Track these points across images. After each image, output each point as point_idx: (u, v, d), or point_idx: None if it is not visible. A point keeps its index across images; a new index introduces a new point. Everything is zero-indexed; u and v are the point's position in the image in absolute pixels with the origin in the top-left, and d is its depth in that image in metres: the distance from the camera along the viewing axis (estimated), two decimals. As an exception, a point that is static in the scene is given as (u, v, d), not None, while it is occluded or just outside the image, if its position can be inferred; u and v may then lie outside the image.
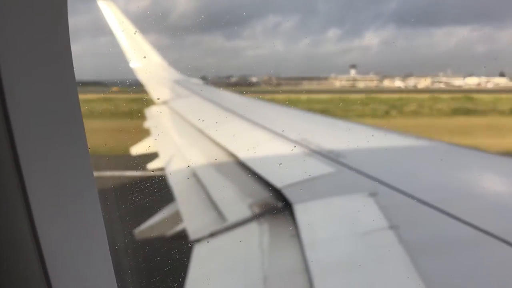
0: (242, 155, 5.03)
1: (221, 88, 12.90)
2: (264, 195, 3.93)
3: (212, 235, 3.36)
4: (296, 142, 5.29)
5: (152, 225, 4.81)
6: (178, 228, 4.19)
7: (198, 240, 3.36)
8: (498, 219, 3.09)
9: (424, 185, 3.83)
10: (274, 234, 3.14)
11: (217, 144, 5.82)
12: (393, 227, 2.90)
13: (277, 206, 3.63)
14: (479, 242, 2.70)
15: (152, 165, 6.96)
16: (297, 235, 3.00)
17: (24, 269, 0.92)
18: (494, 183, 4.03)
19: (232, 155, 5.25)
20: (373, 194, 3.40)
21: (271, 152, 5.23)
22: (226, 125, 6.93)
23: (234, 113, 7.77)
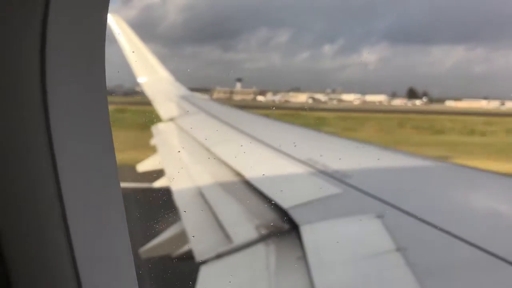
0: (248, 174, 5.04)
1: (223, 102, 13.05)
2: (270, 215, 3.92)
3: (219, 256, 3.35)
4: (301, 161, 5.30)
5: (156, 245, 4.80)
6: (183, 249, 4.18)
7: (204, 262, 3.35)
8: (506, 241, 3.07)
9: (428, 206, 3.82)
10: (280, 256, 3.12)
11: (224, 163, 5.84)
12: (400, 249, 2.88)
13: (283, 227, 3.62)
14: (487, 264, 2.68)
15: (158, 184, 6.98)
16: (303, 257, 2.99)
17: (56, 268, 0.97)
18: (502, 204, 4.00)
19: (238, 174, 5.25)
20: (380, 216, 3.39)
21: (276, 171, 5.24)
22: (232, 143, 6.95)
23: (238, 130, 7.80)
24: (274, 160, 5.55)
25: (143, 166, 8.64)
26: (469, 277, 2.65)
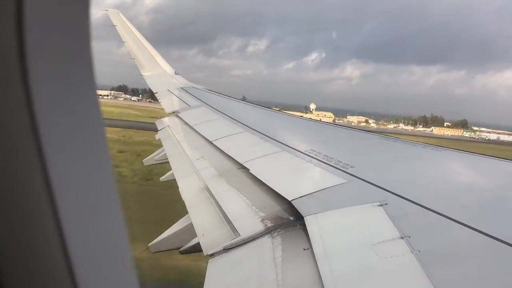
0: (252, 167, 5.05)
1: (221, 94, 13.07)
2: (275, 207, 3.95)
3: (226, 249, 3.39)
4: (304, 152, 5.30)
5: (164, 238, 4.86)
6: (191, 242, 4.23)
7: (212, 255, 3.39)
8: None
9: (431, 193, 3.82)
10: (286, 247, 3.15)
11: (227, 156, 5.85)
12: (404, 236, 2.89)
13: (288, 218, 3.65)
14: (492, 249, 2.68)
15: (163, 178, 7.03)
16: (309, 247, 3.01)
17: (50, 270, 0.95)
18: (507, 189, 4.00)
19: (242, 167, 5.27)
20: (382, 204, 3.40)
21: (280, 163, 5.25)
22: (234, 136, 6.95)
23: (240, 123, 7.80)
24: (277, 152, 5.56)
25: (149, 161, 8.71)
26: (476, 263, 2.66)
